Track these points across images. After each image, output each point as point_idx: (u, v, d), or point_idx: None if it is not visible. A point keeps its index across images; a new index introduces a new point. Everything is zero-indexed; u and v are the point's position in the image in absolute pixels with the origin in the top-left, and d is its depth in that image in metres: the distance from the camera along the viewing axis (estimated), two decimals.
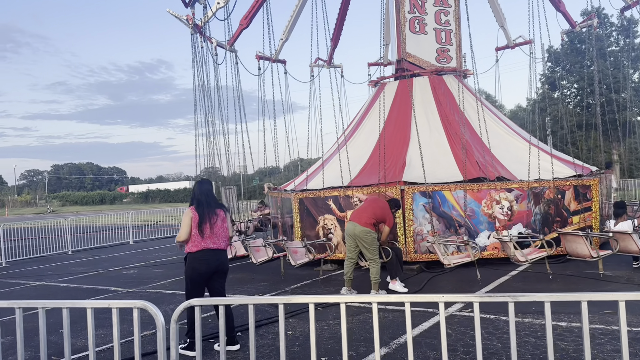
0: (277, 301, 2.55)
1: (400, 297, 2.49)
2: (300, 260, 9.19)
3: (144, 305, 2.56)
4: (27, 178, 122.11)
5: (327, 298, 2.61)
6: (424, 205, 9.89)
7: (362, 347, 5.53)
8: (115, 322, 2.62)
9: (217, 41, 13.66)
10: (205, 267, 5.68)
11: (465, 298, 2.49)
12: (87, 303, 2.70)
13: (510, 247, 8.42)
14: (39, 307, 2.77)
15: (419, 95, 12.24)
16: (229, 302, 2.55)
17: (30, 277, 11.88)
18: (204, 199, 5.79)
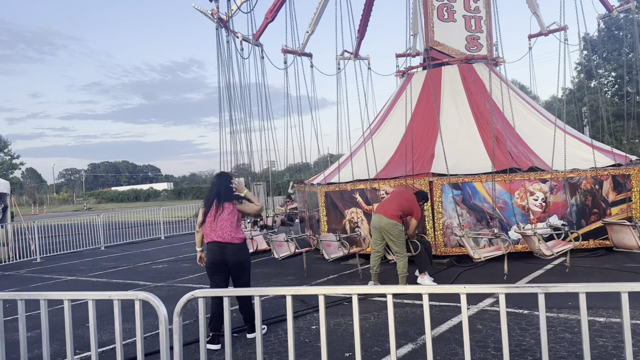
0: (285, 292, 2.40)
1: (418, 288, 2.29)
2: (334, 255, 9.00)
3: (146, 297, 2.45)
4: (66, 177, 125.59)
5: (338, 289, 2.44)
6: (454, 197, 9.60)
7: (387, 342, 5.34)
8: (116, 314, 2.53)
9: (242, 35, 13.61)
10: (211, 259, 5.69)
11: (490, 289, 2.28)
12: (88, 295, 2.61)
13: (535, 242, 8.05)
14: (40, 299, 2.70)
15: (448, 84, 11.91)
16: (233, 293, 2.42)
17: (63, 272, 12.09)
18: (215, 192, 5.81)
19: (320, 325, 2.38)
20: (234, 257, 5.65)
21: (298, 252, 9.41)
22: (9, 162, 57.88)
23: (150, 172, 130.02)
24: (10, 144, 58.70)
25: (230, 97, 12.96)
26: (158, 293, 8.82)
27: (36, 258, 14.78)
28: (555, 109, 12.99)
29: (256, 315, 2.49)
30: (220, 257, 5.64)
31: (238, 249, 5.70)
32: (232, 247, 5.66)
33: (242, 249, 5.76)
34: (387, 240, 7.69)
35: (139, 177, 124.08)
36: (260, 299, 2.57)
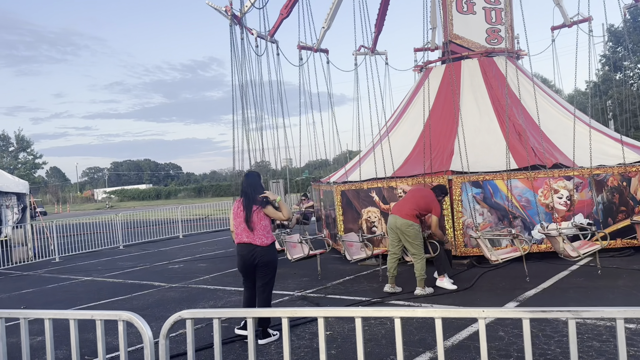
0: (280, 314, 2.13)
1: (429, 311, 2.02)
2: (356, 256, 8.72)
3: (129, 317, 2.26)
4: (89, 175, 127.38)
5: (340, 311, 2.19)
6: (474, 196, 9.28)
7: (404, 350, 5.09)
8: (99, 335, 2.34)
9: (257, 32, 13.42)
10: (240, 261, 5.84)
11: (512, 314, 2.01)
12: (70, 314, 2.43)
13: (559, 242, 7.69)
14: (20, 318, 2.53)
15: (468, 78, 11.56)
16: (225, 314, 2.21)
17: (80, 273, 12.09)
18: (243, 192, 5.88)
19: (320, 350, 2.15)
20: (263, 258, 5.75)
21: (312, 254, 9.18)
22: (32, 161, 58.89)
23: (172, 170, 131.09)
24: (32, 144, 59.72)
25: (245, 95, 12.79)
26: (171, 294, 8.71)
27: (55, 258, 14.86)
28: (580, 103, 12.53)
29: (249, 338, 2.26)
30: (250, 259, 5.75)
31: (267, 250, 5.78)
32: (261, 249, 5.75)
33: (271, 250, 5.83)
34: (404, 242, 7.42)
35: (160, 175, 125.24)
36: (254, 320, 2.35)
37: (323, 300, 7.44)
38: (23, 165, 57.06)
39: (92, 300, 8.68)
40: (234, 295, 8.20)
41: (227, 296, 8.22)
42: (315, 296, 7.74)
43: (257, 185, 5.87)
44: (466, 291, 7.40)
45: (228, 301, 7.88)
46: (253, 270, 5.79)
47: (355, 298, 7.39)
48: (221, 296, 8.28)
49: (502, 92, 11.27)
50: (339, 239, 9.25)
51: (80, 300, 8.77)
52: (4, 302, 9.22)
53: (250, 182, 5.88)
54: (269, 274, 5.81)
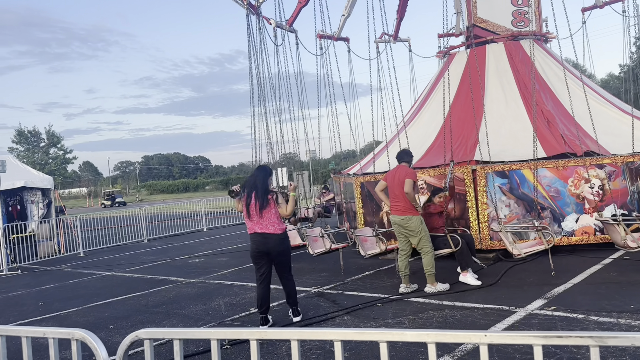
0: (247, 336, 1.86)
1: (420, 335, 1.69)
2: (370, 251, 8.44)
3: (82, 336, 2.03)
4: (121, 169, 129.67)
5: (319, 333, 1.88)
6: (500, 186, 8.86)
7: (421, 353, 4.80)
8: (52, 355, 2.12)
9: (275, 22, 13.14)
10: (255, 249, 6.02)
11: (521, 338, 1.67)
12: (22, 331, 2.23)
13: (620, 232, 7.19)
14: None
15: (493, 63, 11.06)
16: (185, 336, 1.96)
17: (102, 267, 12.12)
18: (252, 184, 6.02)
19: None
20: (277, 247, 5.96)
21: (334, 249, 8.93)
22: (62, 156, 60.14)
23: (201, 163, 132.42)
24: (63, 139, 60.96)
25: (264, 87, 12.55)
26: (187, 290, 8.59)
27: (80, 252, 14.99)
28: (613, 89, 11.87)
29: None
30: (264, 248, 5.96)
31: (280, 239, 6.00)
32: (275, 238, 5.96)
33: (284, 239, 6.06)
34: (409, 237, 7.10)
35: (190, 168, 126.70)
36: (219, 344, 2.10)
37: (340, 297, 7.18)
38: (54, 161, 58.33)
39: (109, 297, 8.63)
40: (250, 292, 8.01)
41: (244, 292, 8.04)
42: (333, 292, 7.49)
43: (266, 178, 6.10)
44: (491, 287, 7.03)
45: (244, 297, 7.70)
46: (266, 259, 6.02)
47: (374, 295, 7.10)
48: (237, 292, 8.11)
49: (530, 77, 10.74)
50: (351, 233, 8.96)
51: (97, 297, 8.72)
52: (23, 298, 9.26)
53: (260, 175, 6.09)
54: (286, 262, 6.12)
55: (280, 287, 8.02)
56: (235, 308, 7.16)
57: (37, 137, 59.35)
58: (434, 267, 6.99)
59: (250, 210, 5.98)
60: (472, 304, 6.30)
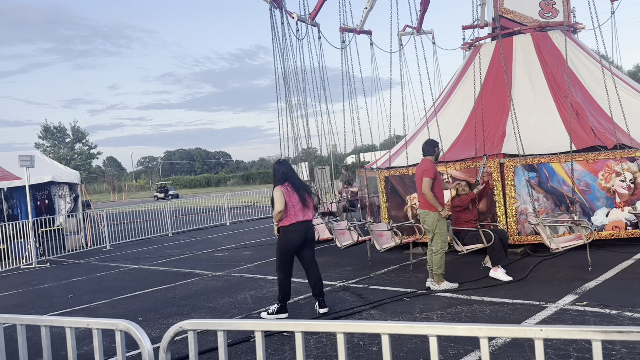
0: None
1: (472, 329, 1.61)
2: (385, 245, 8.44)
3: (126, 327, 2.04)
4: (144, 164, 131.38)
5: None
6: (529, 180, 8.70)
7: (451, 349, 4.75)
8: (96, 346, 2.14)
9: (298, 16, 13.10)
10: (298, 238, 6.20)
11: (579, 333, 1.56)
12: (66, 321, 2.26)
13: None
14: (17, 324, 2.37)
15: (521, 55, 10.85)
16: (229, 327, 1.95)
17: (128, 260, 12.30)
18: (292, 175, 6.32)
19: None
20: (311, 231, 6.39)
21: (361, 241, 8.92)
22: (87, 152, 61.14)
23: (222, 158, 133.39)
24: (87, 135, 61.96)
25: (287, 81, 12.54)
26: (213, 283, 8.65)
27: (106, 246, 15.23)
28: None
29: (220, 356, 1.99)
30: (305, 235, 6.27)
31: (313, 225, 6.51)
32: (311, 224, 6.41)
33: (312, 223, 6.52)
34: (427, 233, 7.04)
35: (211, 163, 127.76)
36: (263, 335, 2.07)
37: (366, 291, 7.15)
38: (79, 156, 59.35)
39: (136, 290, 8.74)
40: (275, 285, 8.00)
41: (269, 286, 8.07)
42: (358, 287, 7.47)
43: (293, 169, 6.52)
44: (520, 282, 6.93)
45: (269, 291, 7.72)
46: (302, 246, 6.29)
47: (400, 289, 7.05)
48: (262, 285, 8.14)
49: (558, 68, 10.52)
50: (367, 228, 8.92)
51: (125, 289, 8.85)
52: (53, 290, 9.44)
53: (290, 167, 6.45)
54: (313, 246, 6.50)
55: (305, 280, 8.02)
56: (261, 301, 7.18)
57: (62, 133, 60.46)
58: (441, 268, 6.88)
59: (293, 200, 6.19)
60: (501, 299, 6.21)
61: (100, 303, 8.00)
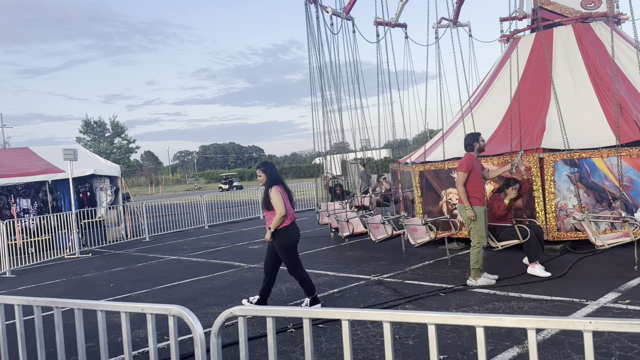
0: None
1: (520, 320, 1.59)
2: (420, 240, 8.41)
3: (179, 312, 2.13)
4: (179, 158, 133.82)
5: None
6: (569, 175, 8.51)
7: (488, 344, 4.71)
8: (150, 330, 2.23)
9: (332, 10, 13.11)
10: (298, 235, 6.47)
11: (631, 326, 1.56)
12: (121, 306, 2.36)
13: None
14: (74, 308, 2.49)
15: (561, 47, 10.58)
16: (279, 313, 2.01)
17: (167, 252, 12.61)
18: (281, 178, 6.47)
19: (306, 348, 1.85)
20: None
21: (395, 234, 8.92)
22: (126, 146, 62.67)
23: (255, 152, 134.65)
24: (126, 129, 63.52)
25: (321, 76, 12.57)
26: (250, 275, 8.80)
27: (145, 237, 15.64)
28: None
29: (270, 342, 2.03)
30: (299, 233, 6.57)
31: None
32: None
33: None
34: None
35: (244, 158, 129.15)
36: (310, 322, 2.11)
37: (400, 286, 7.15)
38: (118, 150, 60.91)
39: (175, 280, 8.97)
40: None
41: None
42: (393, 281, 7.47)
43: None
44: (559, 279, 6.80)
45: None
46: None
47: (435, 285, 7.03)
48: (295, 280, 8.21)
49: (600, 60, 10.22)
50: (401, 222, 8.89)
51: (164, 279, 9.09)
52: (96, 279, 9.77)
53: (277, 170, 6.56)
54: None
55: (340, 274, 8.10)
56: (297, 293, 7.27)
57: (102, 128, 62.18)
58: (478, 263, 6.80)
59: (288, 202, 6.36)
60: (540, 295, 6.12)
61: (141, 292, 8.25)
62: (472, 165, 6.87)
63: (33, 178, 14.59)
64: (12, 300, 2.82)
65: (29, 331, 3.19)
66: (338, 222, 10.58)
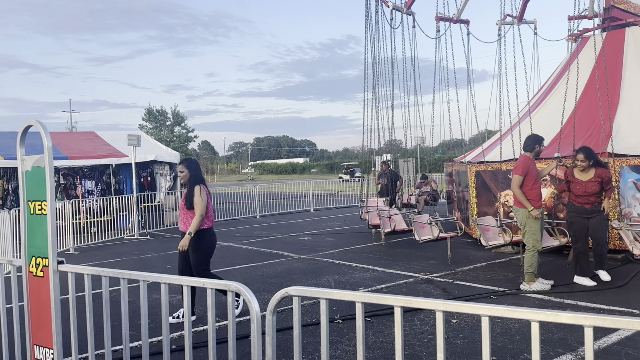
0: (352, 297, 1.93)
1: (577, 317, 1.58)
2: (492, 241, 8.17)
3: (237, 288, 2.21)
4: (234, 149, 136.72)
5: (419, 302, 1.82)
6: (635, 182, 8.13)
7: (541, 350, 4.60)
8: (209, 303, 2.34)
9: (393, 4, 13.02)
10: (216, 241, 6.04)
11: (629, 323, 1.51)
12: (183, 280, 2.47)
13: None
14: (140, 280, 2.63)
15: (633, 48, 10.09)
16: (332, 296, 2.05)
17: (220, 238, 12.93)
18: (204, 178, 6.00)
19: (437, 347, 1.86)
20: None
21: (441, 237, 8.77)
22: (185, 135, 64.58)
23: (307, 146, 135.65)
24: (186, 119, 65.41)
25: (377, 71, 12.53)
26: (299, 265, 8.93)
27: None
28: None
29: (322, 323, 2.06)
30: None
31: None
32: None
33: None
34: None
35: (296, 151, 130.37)
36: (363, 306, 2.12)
37: (450, 286, 7.07)
38: (178, 138, 62.85)
39: (227, 265, 9.23)
40: (357, 272, 8.16)
41: (351, 272, 8.20)
42: (443, 281, 7.39)
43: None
44: (620, 289, 6.53)
45: (351, 277, 7.85)
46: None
47: (487, 287, 6.90)
48: (345, 271, 8.28)
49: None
50: (473, 222, 8.71)
51: (217, 265, 9.36)
52: (153, 260, 10.20)
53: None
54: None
55: (388, 270, 8.10)
56: (344, 286, 7.33)
57: (163, 116, 64.31)
58: (532, 267, 6.60)
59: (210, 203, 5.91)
60: (598, 304, 5.90)
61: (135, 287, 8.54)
62: (528, 167, 6.69)
63: (98, 161, 15.35)
64: (82, 270, 3.02)
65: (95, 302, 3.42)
66: (380, 218, 10.51)
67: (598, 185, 6.78)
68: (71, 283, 3.09)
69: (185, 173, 5.85)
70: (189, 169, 5.84)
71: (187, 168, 5.85)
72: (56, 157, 14.94)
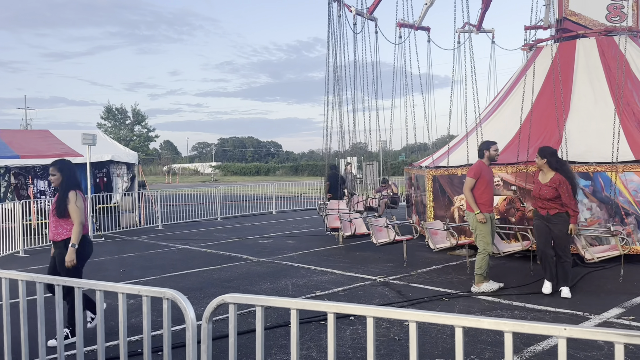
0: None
1: (498, 323, 1.63)
2: (440, 245, 8.35)
3: (173, 296, 2.18)
4: (198, 149, 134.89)
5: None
6: (583, 188, 8.43)
7: (487, 351, 4.72)
8: (145, 311, 2.30)
9: (356, 9, 13.12)
10: (92, 250, 5.66)
11: (604, 335, 1.59)
12: (119, 287, 2.42)
13: None
14: (75, 287, 2.57)
15: (583, 59, 10.47)
16: (268, 303, 2.05)
17: (178, 241, 12.77)
18: (79, 181, 5.56)
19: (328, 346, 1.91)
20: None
21: (397, 240, 8.90)
22: (146, 134, 63.38)
23: (273, 148, 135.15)
24: (147, 118, 64.26)
25: (339, 75, 12.59)
26: (257, 268, 8.89)
27: (158, 225, 15.85)
28: None
29: (258, 331, 2.07)
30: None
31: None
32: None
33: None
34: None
35: (262, 153, 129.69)
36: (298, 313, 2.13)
37: (405, 289, 7.17)
38: (138, 138, 61.62)
39: (184, 269, 9.09)
40: (316, 275, 8.17)
41: (310, 275, 8.21)
42: (398, 283, 7.49)
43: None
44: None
45: (309, 280, 7.86)
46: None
47: (440, 289, 7.03)
48: (304, 274, 8.29)
49: (622, 74, 10.08)
50: (421, 227, 8.88)
51: (173, 268, 9.22)
52: (107, 264, 9.95)
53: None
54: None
55: (346, 273, 8.14)
56: (301, 289, 7.33)
57: (123, 115, 62.96)
58: (482, 269, 6.78)
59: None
60: (544, 307, 6.09)
61: (149, 279, 8.38)
62: (480, 171, 6.86)
63: (50, 160, 14.86)
64: (16, 276, 2.92)
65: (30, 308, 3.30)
66: (341, 222, 10.57)
67: (553, 190, 6.55)
68: (5, 289, 2.98)
69: (57, 176, 5.30)
70: (61, 172, 5.30)
71: (59, 171, 5.30)
72: (7, 156, 14.41)
